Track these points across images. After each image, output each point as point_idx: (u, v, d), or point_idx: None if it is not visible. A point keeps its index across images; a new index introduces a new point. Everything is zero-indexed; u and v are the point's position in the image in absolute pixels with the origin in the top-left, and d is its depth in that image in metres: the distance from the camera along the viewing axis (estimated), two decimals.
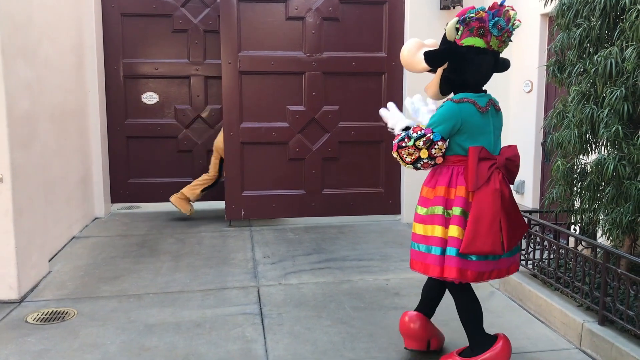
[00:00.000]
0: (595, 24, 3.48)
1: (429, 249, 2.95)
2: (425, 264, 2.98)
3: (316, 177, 6.43)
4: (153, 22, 6.68)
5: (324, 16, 6.21)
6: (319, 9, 6.19)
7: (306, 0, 6.17)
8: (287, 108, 6.28)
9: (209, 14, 6.72)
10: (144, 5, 6.62)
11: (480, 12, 2.81)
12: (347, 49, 6.31)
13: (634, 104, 3.26)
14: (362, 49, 6.35)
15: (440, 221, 2.92)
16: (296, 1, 6.15)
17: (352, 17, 6.28)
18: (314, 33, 6.22)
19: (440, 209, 2.93)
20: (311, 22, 6.20)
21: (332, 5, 6.21)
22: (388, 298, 4.26)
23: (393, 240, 5.77)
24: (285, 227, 6.34)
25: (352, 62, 6.31)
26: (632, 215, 3.26)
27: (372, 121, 6.39)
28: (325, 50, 6.27)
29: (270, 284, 4.55)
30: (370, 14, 6.32)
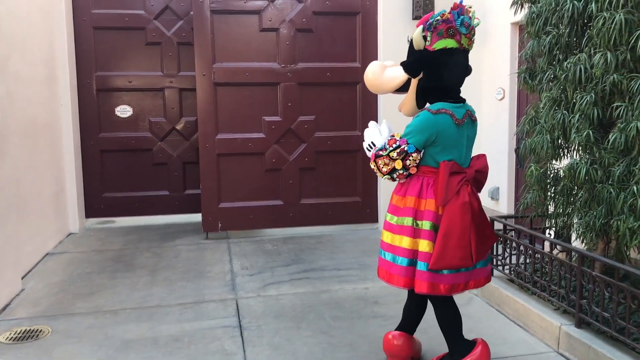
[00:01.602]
0: (564, 31, 3.55)
1: (395, 259, 2.98)
2: (389, 273, 3.02)
3: (293, 188, 6.42)
4: (126, 35, 6.63)
5: (297, 27, 6.23)
6: (293, 20, 6.21)
7: (280, 12, 6.19)
8: (263, 119, 6.27)
9: (183, 27, 6.70)
10: (117, 18, 6.57)
11: (445, 14, 2.83)
12: (321, 59, 6.34)
13: (604, 109, 3.33)
14: (337, 60, 6.38)
15: (409, 232, 2.94)
16: (270, 13, 6.17)
17: (326, 28, 6.32)
18: (288, 44, 6.23)
19: (409, 220, 2.95)
20: (285, 33, 6.22)
21: (306, 17, 6.24)
22: (367, 307, 4.26)
23: (371, 249, 5.78)
24: (263, 239, 6.30)
25: (327, 72, 6.34)
26: (605, 219, 3.31)
27: (348, 131, 6.42)
28: (300, 61, 6.29)
29: (249, 295, 4.52)
30: (344, 24, 6.36)
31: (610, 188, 3.23)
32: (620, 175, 3.17)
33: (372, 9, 6.34)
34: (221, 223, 6.27)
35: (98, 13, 6.53)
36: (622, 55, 3.11)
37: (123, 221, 6.97)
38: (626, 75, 3.11)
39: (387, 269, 3.03)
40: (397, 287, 3.02)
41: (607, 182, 3.29)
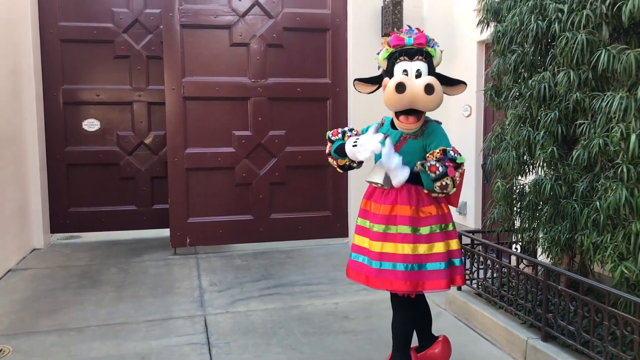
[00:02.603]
0: (528, 50, 3.64)
1: (432, 265, 3.00)
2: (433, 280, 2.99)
3: (263, 202, 6.40)
4: (94, 48, 6.56)
5: (268, 43, 6.25)
6: (263, 35, 6.23)
7: (250, 27, 6.20)
8: (233, 133, 6.25)
9: (152, 40, 6.66)
10: (85, 31, 6.50)
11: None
12: (292, 75, 6.37)
13: (567, 126, 3.42)
14: (307, 75, 6.42)
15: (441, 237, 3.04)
16: (240, 28, 6.18)
17: (297, 44, 6.35)
18: (258, 59, 6.24)
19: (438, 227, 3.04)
20: (256, 48, 6.23)
21: (276, 32, 6.26)
22: (337, 322, 4.25)
23: (341, 264, 5.78)
24: (232, 254, 6.25)
25: (297, 87, 6.36)
26: (569, 233, 3.38)
27: (318, 145, 6.44)
28: (270, 76, 6.30)
29: (217, 312, 4.47)
30: (314, 41, 6.41)
31: (574, 203, 3.31)
32: (584, 191, 3.25)
33: (341, 25, 6.41)
34: (190, 238, 6.20)
35: (65, 25, 6.44)
36: (584, 74, 3.21)
37: (89, 236, 6.85)
38: (588, 94, 3.20)
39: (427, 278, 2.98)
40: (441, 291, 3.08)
41: (571, 197, 3.37)
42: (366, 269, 3.06)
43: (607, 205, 2.97)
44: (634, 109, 2.85)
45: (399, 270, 2.95)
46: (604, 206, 3.01)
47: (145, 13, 6.64)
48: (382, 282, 3.00)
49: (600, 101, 3.03)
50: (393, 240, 2.99)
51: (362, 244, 3.15)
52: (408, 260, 2.95)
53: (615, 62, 2.97)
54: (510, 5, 3.84)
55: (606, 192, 3.00)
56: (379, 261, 3.00)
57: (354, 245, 3.21)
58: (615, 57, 2.97)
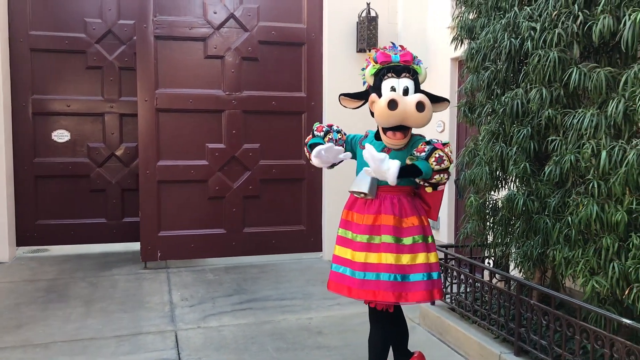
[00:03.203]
0: (501, 67, 3.69)
1: (414, 277, 2.98)
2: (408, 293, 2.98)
3: (237, 216, 6.34)
4: (65, 58, 6.46)
5: (243, 56, 6.24)
6: (238, 48, 6.21)
7: (225, 40, 6.18)
8: (206, 146, 6.20)
9: (125, 51, 6.59)
10: (56, 40, 6.40)
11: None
12: (267, 88, 6.35)
13: (539, 142, 3.46)
14: (282, 89, 6.41)
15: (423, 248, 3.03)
16: (215, 40, 6.15)
17: (272, 57, 6.35)
18: (233, 72, 6.22)
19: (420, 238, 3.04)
20: (230, 61, 6.21)
21: (252, 46, 6.26)
22: (311, 337, 4.21)
23: (315, 278, 5.75)
24: (204, 268, 6.17)
25: (272, 101, 6.35)
26: (542, 248, 3.42)
27: (293, 159, 6.43)
28: (245, 89, 6.28)
29: (188, 327, 4.39)
30: (289, 54, 6.42)
31: (546, 219, 3.34)
32: (556, 206, 3.29)
33: (317, 40, 6.43)
34: (160, 252, 6.10)
35: (36, 35, 6.34)
36: (556, 91, 3.26)
37: (57, 250, 6.69)
38: (560, 111, 3.25)
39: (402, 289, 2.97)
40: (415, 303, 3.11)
41: (543, 212, 3.41)
42: (349, 280, 3.04)
43: (579, 220, 3.01)
44: (604, 126, 2.91)
45: (382, 281, 2.94)
46: (575, 221, 3.05)
47: (119, 24, 6.57)
48: (365, 293, 2.98)
49: (572, 118, 3.09)
50: (377, 250, 2.99)
51: (344, 255, 3.12)
52: (392, 270, 2.94)
53: (586, 80, 3.03)
54: (484, 23, 3.90)
55: (577, 208, 3.04)
56: (363, 271, 2.99)
57: (335, 257, 3.18)
58: (586, 75, 3.03)
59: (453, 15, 4.36)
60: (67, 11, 6.43)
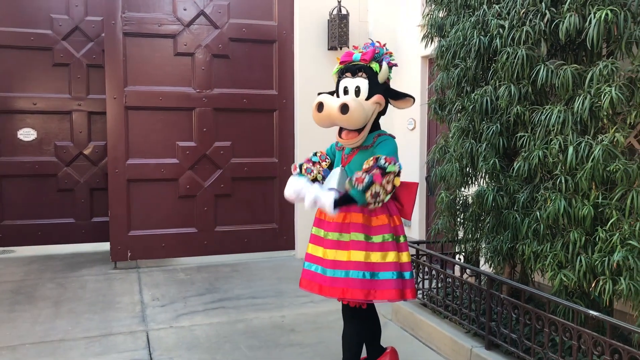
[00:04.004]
0: (471, 64, 3.73)
1: (383, 275, 2.99)
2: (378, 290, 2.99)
3: (208, 215, 6.29)
4: (31, 55, 6.31)
5: (213, 53, 6.19)
6: (209, 45, 6.16)
7: (195, 37, 6.13)
8: (176, 144, 6.14)
9: (93, 48, 6.47)
10: (21, 37, 6.25)
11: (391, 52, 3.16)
12: (238, 85, 6.31)
13: (508, 139, 3.52)
14: (254, 86, 6.38)
15: (393, 247, 3.04)
16: (185, 37, 6.09)
17: (243, 54, 6.32)
18: (204, 69, 6.17)
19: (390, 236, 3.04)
20: (201, 58, 6.16)
21: (222, 43, 6.21)
22: (284, 335, 4.20)
23: (287, 276, 5.74)
24: (176, 268, 6.11)
25: (244, 99, 6.32)
26: (511, 243, 3.47)
27: (265, 157, 6.41)
28: (215, 86, 6.23)
29: (160, 327, 4.34)
30: (261, 52, 6.39)
31: (515, 214, 3.40)
32: (525, 202, 3.34)
33: (288, 37, 6.42)
34: (131, 252, 6.02)
35: (0, 31, 6.18)
36: (525, 88, 3.31)
37: (24, 250, 6.54)
38: (528, 107, 3.30)
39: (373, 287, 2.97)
40: (387, 301, 3.09)
41: (512, 208, 3.46)
42: (319, 277, 3.05)
43: (547, 215, 3.06)
44: (571, 122, 2.97)
45: (351, 278, 2.95)
46: (543, 216, 3.10)
47: (86, 20, 6.45)
48: (334, 291, 2.99)
49: (540, 114, 3.14)
50: (346, 247, 3.00)
51: (315, 253, 3.13)
52: (360, 267, 2.95)
53: (553, 77, 3.09)
54: (454, 21, 3.94)
55: (545, 203, 3.10)
56: (333, 269, 3.00)
57: (308, 255, 3.19)
58: (553, 72, 3.09)
59: (423, 13, 4.40)
60: (33, 7, 6.29)
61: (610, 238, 2.80)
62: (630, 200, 2.75)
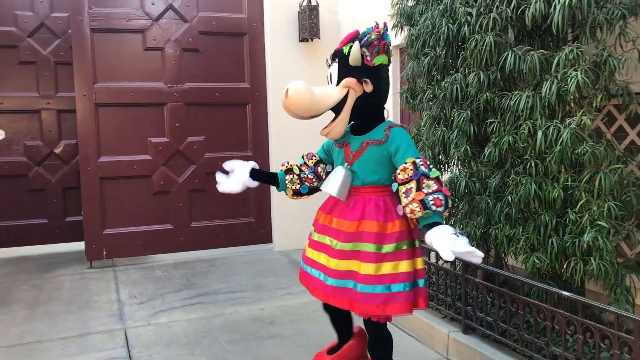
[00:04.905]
0: (440, 52, 3.76)
1: (395, 287, 2.67)
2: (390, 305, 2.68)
3: (183, 211, 6.25)
4: None
5: (184, 47, 6.12)
6: (179, 39, 6.10)
7: (164, 31, 6.06)
8: (149, 140, 6.07)
9: (60, 45, 6.35)
10: None
11: (379, 29, 2.77)
12: (209, 79, 6.26)
13: (479, 125, 3.56)
14: (225, 80, 6.33)
15: (407, 255, 2.73)
16: (154, 32, 6.02)
17: (213, 48, 6.26)
18: (174, 64, 6.10)
19: (406, 244, 2.73)
20: (171, 52, 6.09)
21: (192, 37, 6.15)
22: (263, 328, 4.20)
23: (266, 270, 5.74)
24: (152, 265, 6.06)
25: (215, 92, 6.27)
26: (484, 228, 3.52)
27: (239, 151, 6.37)
28: (186, 81, 6.17)
29: (138, 324, 4.31)
30: (231, 45, 6.34)
31: (487, 199, 3.44)
32: (496, 187, 3.39)
33: (259, 30, 6.38)
34: (106, 250, 5.96)
35: None
36: (493, 75, 3.35)
37: None
38: (497, 94, 3.34)
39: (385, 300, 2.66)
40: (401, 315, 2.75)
41: (484, 193, 3.51)
42: (323, 285, 2.80)
43: (518, 199, 3.11)
44: (539, 106, 3.01)
45: (359, 292, 2.68)
46: (515, 200, 3.15)
47: (52, 17, 6.32)
48: (342, 301, 2.75)
49: (509, 100, 3.18)
50: (357, 258, 2.71)
51: (317, 259, 2.89)
52: (371, 281, 2.66)
53: (521, 62, 3.13)
54: (423, 10, 3.96)
55: (517, 187, 3.15)
56: (339, 279, 2.74)
57: (308, 258, 2.97)
58: (521, 58, 3.13)
59: (392, 2, 4.41)
60: None
61: (580, 219, 2.86)
62: (598, 181, 2.81)
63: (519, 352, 3.20)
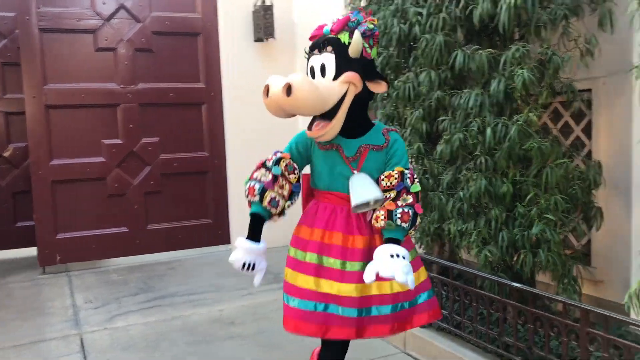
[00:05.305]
0: (393, 52, 3.83)
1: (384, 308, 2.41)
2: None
3: (139, 213, 6.16)
4: None
5: (136, 47, 6.03)
6: (131, 39, 6.01)
7: (116, 31, 5.95)
8: (102, 142, 5.96)
9: (7, 46, 6.16)
10: None
11: (373, 19, 2.43)
12: (163, 80, 6.19)
13: (431, 123, 3.63)
14: (180, 80, 6.27)
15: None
16: (106, 32, 5.91)
17: (167, 48, 6.19)
18: (127, 64, 6.01)
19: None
20: (123, 53, 5.99)
21: (145, 37, 6.07)
22: (223, 328, 4.19)
23: (225, 271, 5.70)
24: (108, 269, 5.96)
25: (170, 93, 6.20)
26: (438, 223, 3.60)
27: (195, 152, 6.32)
28: (140, 81, 6.08)
29: (94, 329, 4.24)
30: (186, 45, 6.28)
31: (440, 195, 3.52)
32: (449, 183, 3.47)
33: (213, 30, 6.34)
34: (60, 255, 5.82)
35: None
36: (444, 74, 3.43)
37: None
38: (448, 92, 3.42)
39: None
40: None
41: (437, 189, 3.58)
42: (341, 319, 2.35)
43: (469, 194, 3.20)
44: (488, 104, 3.11)
45: (384, 315, 2.39)
46: (466, 196, 3.24)
47: None
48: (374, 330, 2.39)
49: (459, 98, 3.27)
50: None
51: (326, 290, 2.37)
52: (398, 299, 2.40)
53: (470, 61, 3.21)
54: (375, 10, 4.01)
55: (468, 183, 3.23)
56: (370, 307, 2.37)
57: (301, 290, 2.42)
58: (470, 57, 3.22)
59: (346, 2, 4.46)
60: None
61: (529, 213, 2.96)
62: (545, 176, 2.91)
63: (473, 343, 3.29)
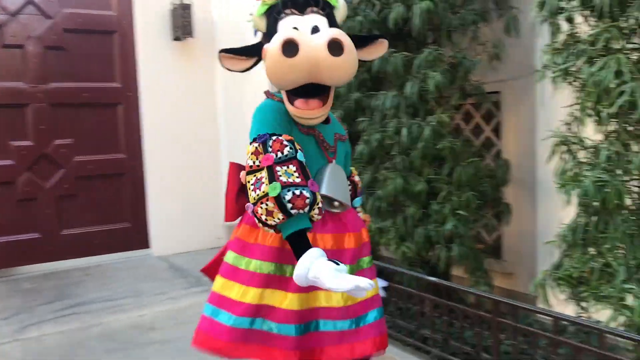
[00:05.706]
0: None
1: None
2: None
3: (52, 218, 5.89)
4: None
5: (47, 45, 5.77)
6: (41, 37, 5.73)
7: (24, 27, 5.67)
8: (10, 144, 5.66)
9: None
10: None
11: None
12: (77, 79, 5.95)
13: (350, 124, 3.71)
14: (95, 79, 6.05)
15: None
16: (13, 28, 5.61)
17: (81, 46, 5.95)
18: (37, 62, 5.73)
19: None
20: (32, 50, 5.71)
21: (56, 34, 5.81)
22: (144, 334, 4.10)
23: (145, 275, 5.57)
24: (19, 277, 5.66)
25: (84, 92, 5.97)
26: None
27: (111, 153, 6.12)
28: (52, 80, 5.82)
29: (4, 341, 4.02)
30: (100, 43, 6.07)
31: None
32: (368, 182, 3.56)
33: (129, 28, 6.16)
34: None
35: None
36: (362, 76, 3.52)
37: None
38: (366, 93, 3.51)
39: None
40: None
41: None
42: (348, 336, 1.95)
43: (387, 193, 3.30)
44: (404, 105, 3.21)
45: (378, 321, 2.08)
46: (384, 194, 3.33)
47: None
48: (372, 343, 2.02)
49: (376, 100, 3.36)
50: (372, 276, 2.11)
51: (310, 303, 1.93)
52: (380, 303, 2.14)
53: (386, 64, 3.31)
54: None
55: (385, 182, 3.33)
56: (364, 314, 2.02)
57: (297, 313, 1.92)
58: (386, 59, 3.31)
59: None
60: None
61: (443, 210, 3.09)
62: (457, 174, 3.05)
63: (394, 337, 3.39)
